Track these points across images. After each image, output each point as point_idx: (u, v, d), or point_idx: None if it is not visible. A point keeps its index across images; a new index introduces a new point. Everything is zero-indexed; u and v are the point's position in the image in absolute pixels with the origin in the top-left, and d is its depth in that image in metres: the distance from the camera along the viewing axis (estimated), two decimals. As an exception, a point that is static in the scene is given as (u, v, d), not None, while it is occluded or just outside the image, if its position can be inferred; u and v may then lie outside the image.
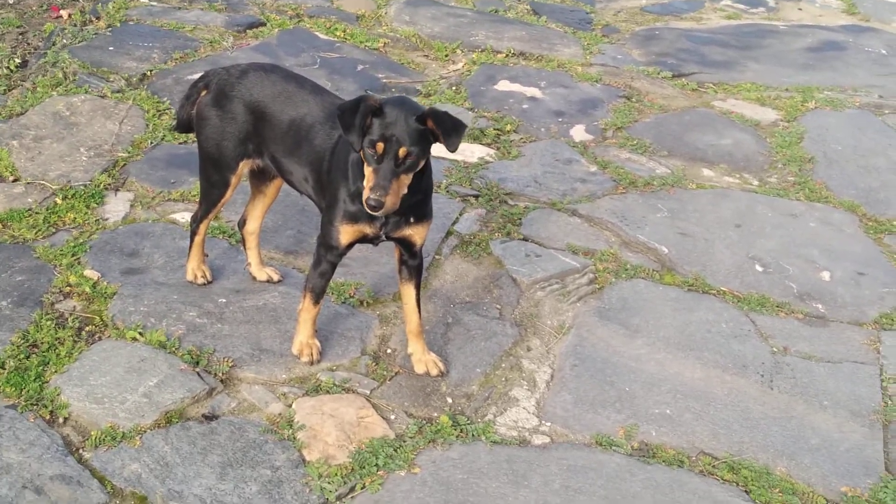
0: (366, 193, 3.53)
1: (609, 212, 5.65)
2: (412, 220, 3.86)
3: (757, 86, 7.88)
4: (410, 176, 3.61)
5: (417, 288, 4.12)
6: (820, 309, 4.94)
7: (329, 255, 3.97)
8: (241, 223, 4.62)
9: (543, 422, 4.00)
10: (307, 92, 4.14)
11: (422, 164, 3.64)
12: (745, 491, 3.70)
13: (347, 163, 3.80)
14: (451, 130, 3.56)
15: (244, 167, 4.26)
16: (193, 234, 4.50)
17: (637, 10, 9.78)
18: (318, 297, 4.08)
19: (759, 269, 5.23)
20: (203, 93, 4.26)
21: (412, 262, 4.06)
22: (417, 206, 3.82)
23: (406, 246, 4.00)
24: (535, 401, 4.12)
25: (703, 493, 3.65)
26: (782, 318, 4.83)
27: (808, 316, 4.87)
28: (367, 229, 3.87)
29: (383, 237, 3.92)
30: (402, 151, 3.52)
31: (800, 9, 10.36)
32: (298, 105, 4.09)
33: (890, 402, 4.27)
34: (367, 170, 3.56)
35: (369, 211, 3.57)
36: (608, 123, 6.90)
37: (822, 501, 3.71)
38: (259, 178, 4.47)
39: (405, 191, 3.61)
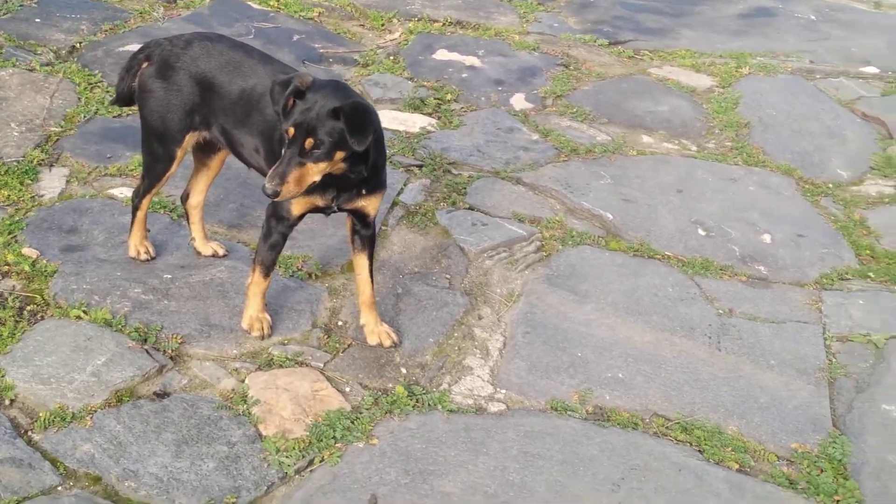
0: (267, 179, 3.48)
1: (553, 179, 5.66)
2: (364, 191, 3.82)
3: (691, 52, 7.95)
4: (322, 165, 3.51)
5: (370, 259, 4.08)
6: (762, 271, 5.02)
7: (280, 226, 3.91)
8: (185, 197, 4.53)
9: (498, 389, 4.01)
10: (255, 61, 4.06)
11: (338, 154, 3.52)
12: (699, 451, 3.76)
13: (298, 133, 3.74)
14: (356, 130, 3.45)
15: (190, 140, 4.16)
16: (135, 209, 4.40)
17: (570, -23, 9.78)
18: (268, 271, 4.02)
19: (701, 233, 5.29)
20: (145, 64, 4.15)
21: (365, 233, 4.02)
22: (369, 177, 3.78)
23: (359, 217, 3.96)
24: (489, 369, 4.12)
25: (659, 454, 3.70)
26: (726, 281, 4.90)
27: (751, 278, 4.95)
28: (319, 200, 3.82)
29: (335, 208, 3.88)
30: (308, 142, 3.45)
31: (729, -24, 10.45)
32: (247, 75, 4.00)
33: (834, 360, 4.36)
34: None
35: (267, 196, 3.50)
36: (548, 92, 6.90)
37: (773, 458, 3.78)
38: (203, 151, 4.38)
39: (316, 178, 3.53)
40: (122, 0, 7.40)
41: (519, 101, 6.72)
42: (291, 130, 3.46)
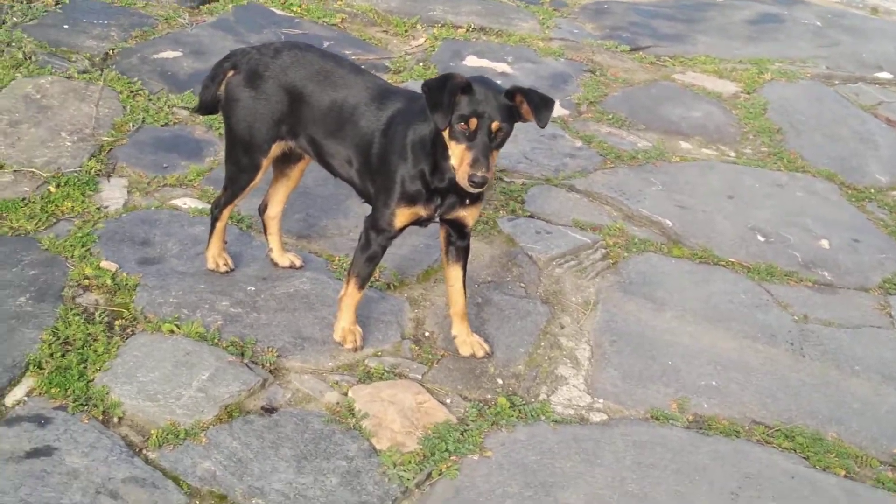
0: (465, 170, 3.46)
1: (605, 186, 5.68)
2: (468, 201, 3.80)
3: (711, 58, 8.03)
4: (499, 151, 3.58)
5: (464, 269, 4.07)
6: (826, 276, 5.08)
7: (380, 237, 3.88)
8: (262, 208, 4.48)
9: (596, 399, 4.01)
10: (346, 71, 4.03)
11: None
12: (804, 458, 3.80)
13: (405, 144, 3.72)
14: (541, 105, 3.55)
15: (276, 150, 4.12)
16: (215, 220, 4.34)
17: (579, -17, 9.82)
18: (363, 283, 3.99)
19: (760, 239, 5.34)
20: (231, 73, 4.10)
21: (461, 244, 4.01)
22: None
23: (457, 227, 3.94)
24: (583, 378, 4.12)
25: (768, 462, 3.73)
26: (793, 287, 4.95)
27: (816, 284, 5.01)
28: (423, 211, 3.80)
29: (436, 219, 3.86)
30: (494, 126, 3.48)
31: (730, -19, 10.56)
32: (339, 85, 3.97)
33: (915, 365, 4.44)
34: (458, 147, 3.50)
35: (472, 188, 3.50)
36: (581, 98, 6.92)
37: (876, 463, 3.83)
38: (284, 162, 4.33)
39: (494, 165, 3.56)
40: (147, 6, 7.30)
41: (555, 108, 6.71)
42: (474, 121, 3.47)
